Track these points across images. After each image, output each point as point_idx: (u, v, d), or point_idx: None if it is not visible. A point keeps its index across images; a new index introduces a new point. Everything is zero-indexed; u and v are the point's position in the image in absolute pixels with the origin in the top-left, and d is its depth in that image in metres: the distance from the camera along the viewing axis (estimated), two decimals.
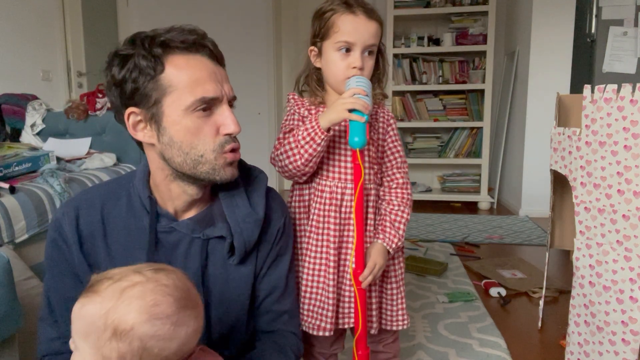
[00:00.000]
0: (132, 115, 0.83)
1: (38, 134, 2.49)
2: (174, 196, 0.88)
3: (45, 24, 3.53)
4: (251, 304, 0.97)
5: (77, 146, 2.37)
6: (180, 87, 0.80)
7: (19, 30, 3.30)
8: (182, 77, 0.80)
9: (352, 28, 1.00)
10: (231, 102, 0.87)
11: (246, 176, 0.96)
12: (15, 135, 2.50)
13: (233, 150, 0.86)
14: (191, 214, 0.91)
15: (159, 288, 0.64)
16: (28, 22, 3.38)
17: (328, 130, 1.00)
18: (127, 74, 0.80)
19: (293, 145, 1.01)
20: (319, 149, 1.00)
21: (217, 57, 0.86)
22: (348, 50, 1.01)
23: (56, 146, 2.32)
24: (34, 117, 2.49)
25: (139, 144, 0.89)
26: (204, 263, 0.89)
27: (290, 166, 1.03)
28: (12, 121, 2.50)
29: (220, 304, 0.91)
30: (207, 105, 0.81)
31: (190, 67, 0.81)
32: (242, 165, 0.96)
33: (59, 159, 2.10)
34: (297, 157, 1.01)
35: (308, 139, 0.99)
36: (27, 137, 2.46)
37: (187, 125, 0.81)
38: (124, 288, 0.63)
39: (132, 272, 0.65)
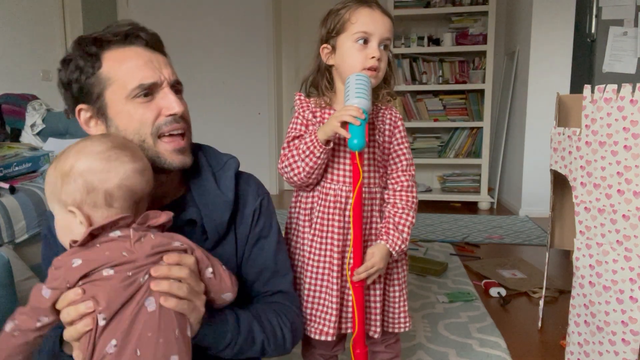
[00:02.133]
0: (82, 112, 0.88)
1: (38, 134, 2.49)
2: None
3: (45, 24, 3.53)
4: (240, 293, 0.96)
5: None
6: (119, 78, 0.84)
7: (19, 30, 3.30)
8: (119, 68, 0.84)
9: (370, 19, 1.02)
10: (176, 87, 0.90)
11: (216, 163, 0.99)
12: (15, 135, 2.49)
13: (172, 135, 0.87)
14: (166, 201, 0.94)
15: (90, 139, 0.76)
16: (28, 22, 3.38)
17: (327, 143, 1.00)
18: (71, 76, 0.86)
19: (296, 158, 1.03)
20: (319, 161, 1.01)
21: (154, 46, 0.90)
22: (365, 41, 1.02)
23: (56, 146, 2.32)
24: (34, 117, 2.49)
25: None
26: None
27: (295, 178, 1.05)
28: (12, 121, 2.50)
29: None
30: (148, 92, 0.85)
31: (126, 58, 0.85)
32: (209, 153, 1.00)
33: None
34: (300, 169, 1.03)
35: (308, 152, 1.01)
36: (27, 137, 2.46)
37: (129, 113, 0.85)
38: (65, 149, 0.76)
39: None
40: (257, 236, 0.99)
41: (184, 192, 0.96)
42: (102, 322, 0.67)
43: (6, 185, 1.64)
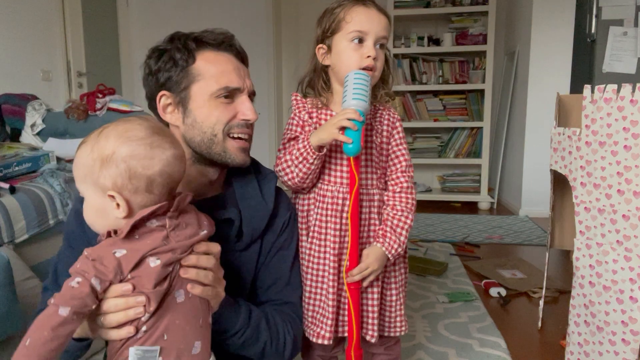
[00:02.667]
0: (164, 97, 0.94)
1: (38, 134, 2.49)
2: (191, 179, 0.96)
3: (45, 24, 3.53)
4: (250, 294, 1.00)
5: (77, 146, 2.37)
6: (208, 76, 0.92)
7: (19, 30, 3.30)
8: (210, 68, 0.92)
9: (365, 18, 1.01)
10: (251, 97, 0.99)
11: (259, 172, 1.05)
12: (15, 135, 2.49)
13: (240, 138, 0.95)
14: (206, 196, 0.99)
15: (127, 123, 0.76)
16: (28, 22, 3.38)
17: (320, 149, 1.00)
18: (162, 65, 0.93)
19: (290, 163, 1.03)
20: (313, 167, 1.01)
21: (242, 57, 0.99)
22: (361, 40, 1.01)
23: (56, 146, 2.32)
24: (34, 117, 2.49)
25: None
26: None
27: (290, 182, 1.06)
28: (12, 121, 2.50)
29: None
30: (230, 94, 0.93)
31: (218, 61, 0.94)
32: (256, 164, 1.05)
33: (59, 159, 2.09)
34: (294, 174, 1.03)
35: (301, 158, 1.01)
36: (27, 137, 2.46)
37: (210, 109, 0.92)
38: (100, 130, 0.75)
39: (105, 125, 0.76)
40: (280, 246, 1.03)
41: (224, 191, 1.02)
42: (144, 319, 0.71)
43: (6, 185, 1.64)
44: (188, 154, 0.94)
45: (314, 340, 1.07)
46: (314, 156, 0.99)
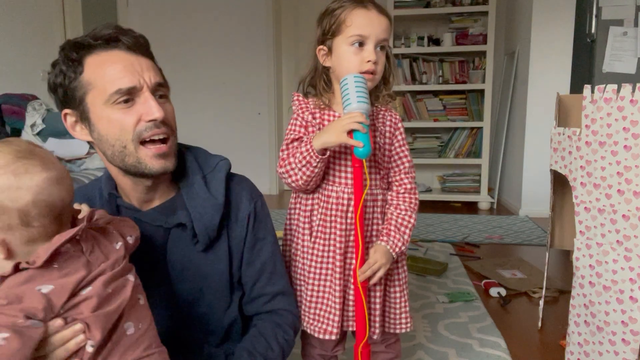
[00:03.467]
0: (68, 116, 0.89)
1: (38, 134, 2.49)
2: (130, 189, 0.92)
3: (45, 24, 3.53)
4: (232, 291, 0.98)
5: (77, 146, 2.37)
6: (98, 83, 0.83)
7: (19, 30, 3.30)
8: (99, 73, 0.84)
9: (365, 21, 0.99)
10: (159, 90, 0.88)
11: (206, 165, 0.98)
12: (15, 136, 2.49)
13: (154, 141, 0.86)
14: (155, 204, 0.94)
15: None
16: (28, 22, 3.38)
17: (324, 152, 0.99)
18: (56, 80, 0.86)
19: (293, 166, 1.02)
20: (316, 170, 1.00)
21: (137, 49, 0.88)
22: (361, 44, 1.00)
23: (56, 146, 2.32)
24: (34, 117, 2.49)
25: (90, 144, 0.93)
26: (168, 251, 0.93)
27: (294, 185, 1.05)
28: (12, 121, 2.50)
29: (191, 291, 0.94)
30: (128, 97, 0.84)
31: (106, 62, 0.84)
32: (199, 155, 0.99)
33: (59, 159, 2.09)
34: (298, 177, 1.02)
35: (304, 162, 1.00)
36: (27, 137, 2.46)
37: (109, 118, 0.84)
38: None
39: None
40: (255, 239, 0.99)
41: (174, 194, 0.96)
42: (90, 349, 0.65)
43: None
44: (112, 165, 0.90)
45: (320, 336, 1.08)
46: (318, 159, 0.99)
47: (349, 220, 1.06)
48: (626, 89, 1.20)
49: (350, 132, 0.95)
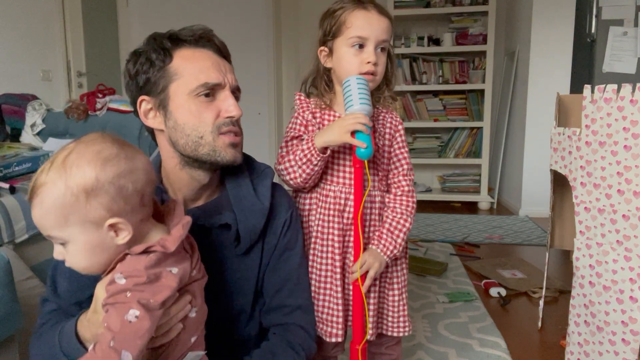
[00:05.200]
0: (143, 102, 0.90)
1: (38, 134, 2.49)
2: (183, 184, 0.93)
3: (45, 24, 3.53)
4: (256, 299, 0.97)
5: None
6: (186, 74, 0.87)
7: (19, 30, 3.30)
8: (188, 65, 0.88)
9: (365, 23, 1.00)
10: (235, 93, 0.93)
11: (253, 170, 1.00)
12: (15, 135, 2.49)
13: (232, 133, 0.90)
14: (199, 203, 0.95)
15: (89, 144, 0.67)
16: (28, 22, 3.38)
17: (325, 150, 0.99)
18: (140, 67, 0.89)
19: (293, 163, 1.02)
20: (316, 168, 1.01)
21: (223, 53, 0.95)
22: (361, 46, 1.00)
23: (56, 146, 2.32)
24: (34, 117, 2.49)
25: (152, 134, 0.95)
26: (209, 251, 0.91)
27: (292, 182, 1.05)
28: (12, 121, 2.50)
29: (224, 293, 0.93)
30: (210, 92, 0.88)
31: (196, 58, 0.89)
32: (249, 160, 1.01)
33: None
34: (297, 175, 1.02)
35: (305, 159, 1.00)
36: (27, 137, 2.46)
37: (190, 109, 0.87)
38: (61, 161, 0.65)
39: (55, 154, 0.68)
40: (284, 248, 0.99)
41: (218, 195, 0.97)
42: (193, 315, 0.74)
43: (6, 185, 1.64)
44: (176, 157, 0.91)
45: (327, 339, 1.07)
46: (318, 158, 0.99)
47: (345, 220, 1.06)
48: (626, 89, 1.20)
49: (353, 133, 0.95)
